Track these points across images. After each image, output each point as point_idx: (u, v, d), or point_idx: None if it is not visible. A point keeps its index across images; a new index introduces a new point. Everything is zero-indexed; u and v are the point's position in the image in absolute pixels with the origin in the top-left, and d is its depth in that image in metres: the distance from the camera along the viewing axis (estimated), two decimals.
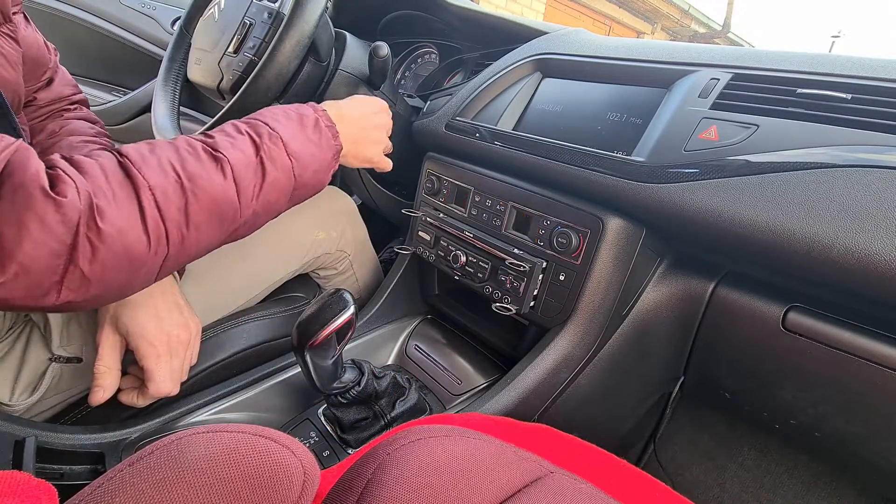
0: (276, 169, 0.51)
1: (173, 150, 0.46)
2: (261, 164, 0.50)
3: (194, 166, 0.46)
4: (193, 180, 0.45)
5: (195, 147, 0.48)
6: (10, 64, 0.53)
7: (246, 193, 0.49)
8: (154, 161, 0.44)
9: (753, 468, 0.81)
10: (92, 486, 0.28)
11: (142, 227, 0.41)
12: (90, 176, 0.41)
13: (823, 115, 0.48)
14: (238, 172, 0.48)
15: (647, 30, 9.23)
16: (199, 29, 0.80)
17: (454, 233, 0.73)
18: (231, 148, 0.49)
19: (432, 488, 0.33)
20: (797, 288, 0.56)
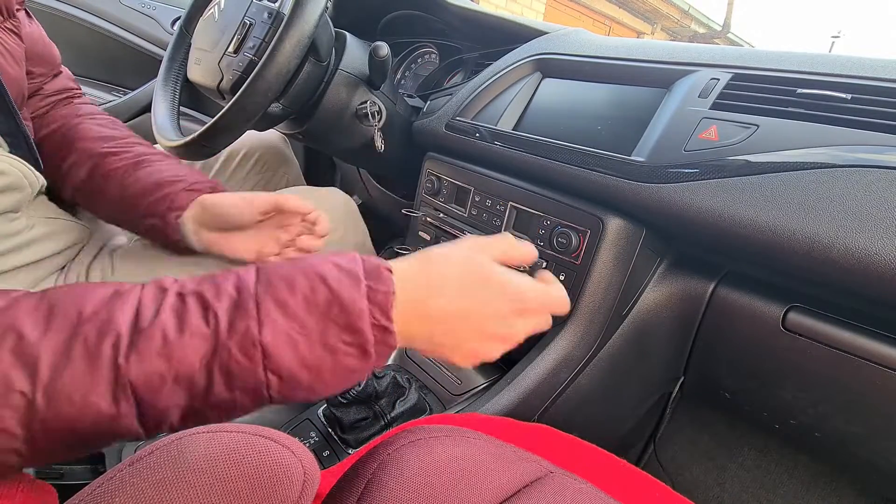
0: (231, 389, 0.32)
1: (59, 333, 0.31)
2: (207, 375, 0.32)
3: (70, 376, 0.30)
4: (54, 401, 0.30)
5: (92, 337, 0.31)
6: (14, 60, 0.52)
7: (160, 417, 0.32)
8: (2, 358, 0.30)
9: (753, 468, 0.81)
10: (92, 486, 0.28)
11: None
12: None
13: (823, 115, 0.48)
14: (146, 393, 0.31)
15: (647, 30, 9.22)
16: (199, 29, 0.80)
17: (454, 233, 0.73)
18: (151, 345, 0.31)
19: (432, 488, 0.33)
20: (797, 288, 0.56)
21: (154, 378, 0.31)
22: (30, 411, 0.30)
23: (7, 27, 0.52)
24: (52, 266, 0.61)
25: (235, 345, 0.32)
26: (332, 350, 0.34)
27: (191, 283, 0.35)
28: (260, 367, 0.33)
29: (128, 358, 0.31)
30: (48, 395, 0.30)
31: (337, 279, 0.35)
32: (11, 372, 0.30)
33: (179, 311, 0.33)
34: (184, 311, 0.33)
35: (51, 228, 0.60)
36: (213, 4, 0.78)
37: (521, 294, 0.40)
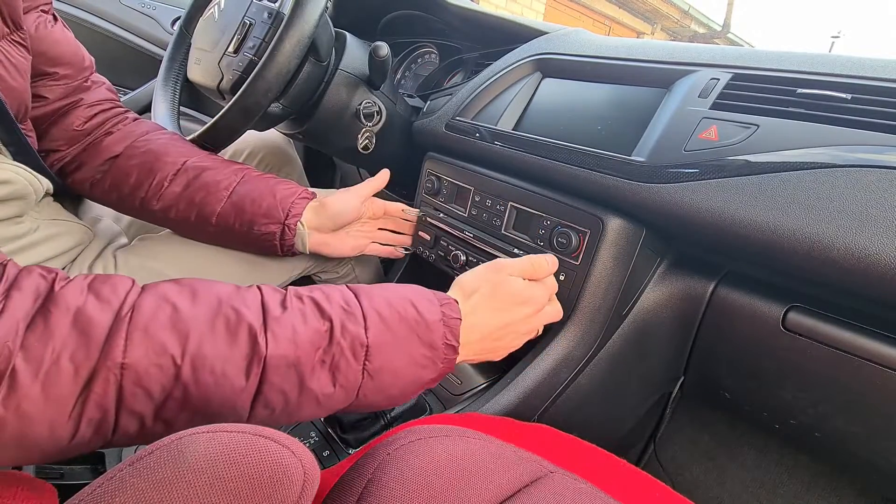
0: (334, 383, 0.37)
1: (207, 309, 0.35)
2: (317, 366, 0.37)
3: (211, 348, 0.33)
4: (198, 369, 0.33)
5: (232, 316, 0.35)
6: (18, 72, 0.53)
7: (269, 400, 0.36)
8: (159, 325, 0.33)
9: (753, 468, 0.81)
10: (92, 486, 0.28)
11: (69, 415, 0.30)
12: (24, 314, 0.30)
13: (823, 115, 0.48)
14: (272, 372, 0.35)
15: (647, 30, 9.23)
16: (199, 29, 0.80)
17: (454, 232, 0.73)
18: (283, 331, 0.36)
19: (432, 488, 0.33)
20: (797, 288, 0.56)
21: (281, 361, 0.35)
22: (175, 376, 0.32)
23: (14, 39, 0.52)
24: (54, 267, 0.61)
25: (347, 343, 0.38)
26: (412, 360, 0.41)
27: (303, 289, 0.41)
28: (361, 366, 0.38)
29: (265, 337, 0.35)
30: (194, 363, 0.33)
31: (422, 304, 0.43)
32: (166, 337, 0.32)
33: (301, 310, 0.38)
34: (304, 310, 0.38)
35: (55, 230, 0.61)
36: (213, 4, 0.78)
37: (533, 298, 0.52)
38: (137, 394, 0.31)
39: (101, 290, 0.34)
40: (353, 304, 0.40)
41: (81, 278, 0.35)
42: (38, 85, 0.61)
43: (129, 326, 0.32)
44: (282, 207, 0.65)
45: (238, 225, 0.65)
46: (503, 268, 0.52)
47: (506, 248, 0.66)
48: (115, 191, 0.66)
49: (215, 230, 0.66)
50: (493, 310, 0.49)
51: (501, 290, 0.50)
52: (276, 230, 0.65)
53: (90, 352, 0.30)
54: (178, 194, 0.65)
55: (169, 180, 0.65)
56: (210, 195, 0.65)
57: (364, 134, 0.80)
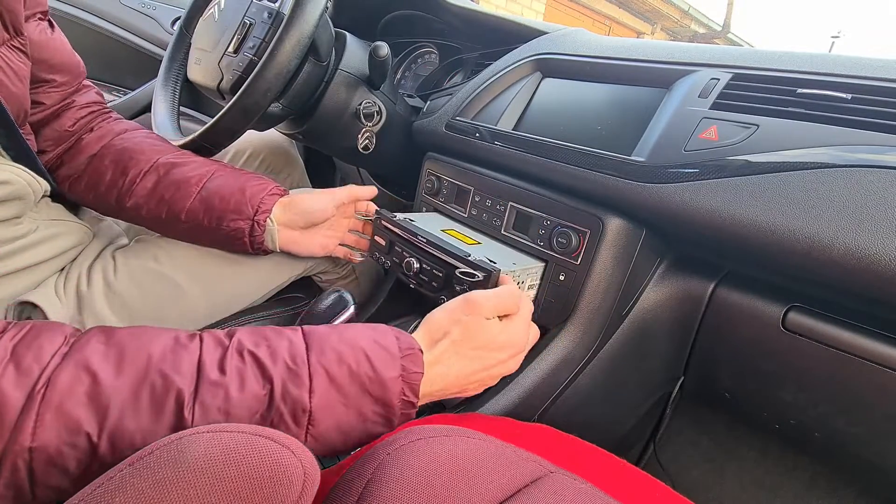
0: None
1: (132, 378, 0.33)
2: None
3: (133, 422, 0.32)
4: (117, 445, 0.32)
5: (159, 385, 0.33)
6: (17, 77, 0.53)
7: None
8: (75, 401, 0.31)
9: (753, 468, 0.81)
10: (92, 486, 0.28)
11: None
12: None
13: (823, 115, 0.48)
14: None
15: (647, 30, 9.23)
16: (199, 29, 0.80)
17: (407, 237, 0.66)
18: (214, 401, 0.34)
19: (432, 488, 0.33)
20: (797, 288, 0.56)
21: None
22: (91, 453, 0.31)
23: (14, 45, 0.52)
24: (52, 268, 0.61)
25: (287, 408, 0.36)
26: (363, 418, 0.39)
27: (247, 341, 0.38)
28: (304, 431, 0.36)
29: (192, 410, 0.33)
30: (112, 438, 0.31)
31: (379, 357, 0.40)
32: (82, 414, 0.31)
33: (241, 371, 0.36)
34: (244, 371, 0.36)
35: (54, 231, 0.61)
36: (213, 4, 0.78)
37: (511, 342, 0.49)
38: (51, 472, 0.30)
39: (22, 359, 0.32)
40: (301, 362, 0.38)
41: (9, 337, 0.33)
42: (37, 91, 0.61)
43: (41, 406, 0.30)
44: (251, 203, 0.64)
45: (207, 221, 0.64)
46: (476, 308, 0.47)
47: (460, 257, 0.60)
48: (91, 190, 0.66)
49: (185, 227, 0.65)
50: (463, 357, 0.46)
51: (474, 334, 0.46)
52: (245, 226, 0.64)
53: (1, 433, 0.29)
54: (149, 191, 0.64)
55: (141, 177, 0.64)
56: (179, 191, 0.64)
57: (364, 134, 0.80)
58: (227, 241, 0.66)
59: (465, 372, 0.46)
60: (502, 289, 0.51)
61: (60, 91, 0.64)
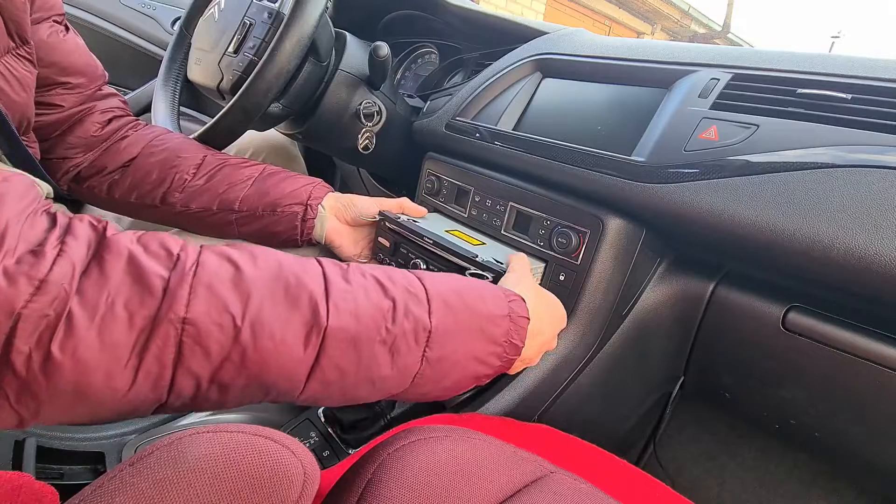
0: (392, 366, 0.36)
1: (268, 273, 0.34)
2: (377, 346, 0.35)
3: (271, 312, 0.32)
4: (257, 333, 0.32)
5: (293, 282, 0.34)
6: (21, 87, 0.53)
7: (325, 374, 0.34)
8: (221, 282, 0.32)
9: (753, 468, 0.81)
10: (92, 486, 0.28)
11: (125, 365, 0.29)
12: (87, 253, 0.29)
13: (823, 115, 0.48)
14: (331, 345, 0.34)
15: (647, 30, 9.23)
16: (199, 29, 0.80)
17: (414, 239, 0.65)
18: (345, 304, 0.35)
19: (432, 488, 0.33)
20: (797, 288, 0.56)
21: (341, 333, 0.34)
22: (234, 338, 0.31)
23: (19, 54, 0.52)
24: None
25: (410, 325, 0.36)
26: (472, 353, 0.39)
27: (364, 266, 0.39)
28: (421, 352, 0.37)
29: (327, 307, 0.34)
30: (254, 326, 0.32)
31: (488, 295, 0.42)
32: (229, 295, 0.31)
33: (364, 286, 0.37)
34: (367, 285, 0.37)
35: None
36: (213, 4, 0.78)
37: (564, 314, 0.55)
38: (196, 352, 0.30)
39: (149, 244, 0.32)
40: (418, 287, 0.39)
41: (131, 233, 0.34)
42: (51, 94, 0.62)
43: (194, 280, 0.31)
44: (304, 191, 0.67)
45: (261, 208, 0.66)
46: (530, 273, 0.53)
47: (470, 259, 0.59)
48: (134, 190, 0.67)
49: (238, 216, 0.67)
50: (548, 317, 0.49)
51: (546, 298, 0.52)
52: (300, 210, 0.66)
53: (144, 300, 0.29)
54: (200, 186, 0.67)
55: (191, 174, 0.67)
56: (233, 185, 0.67)
57: (364, 134, 0.80)
58: (276, 228, 0.67)
59: (549, 335, 0.49)
60: (524, 266, 0.55)
61: (76, 94, 0.65)
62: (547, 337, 0.49)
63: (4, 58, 0.50)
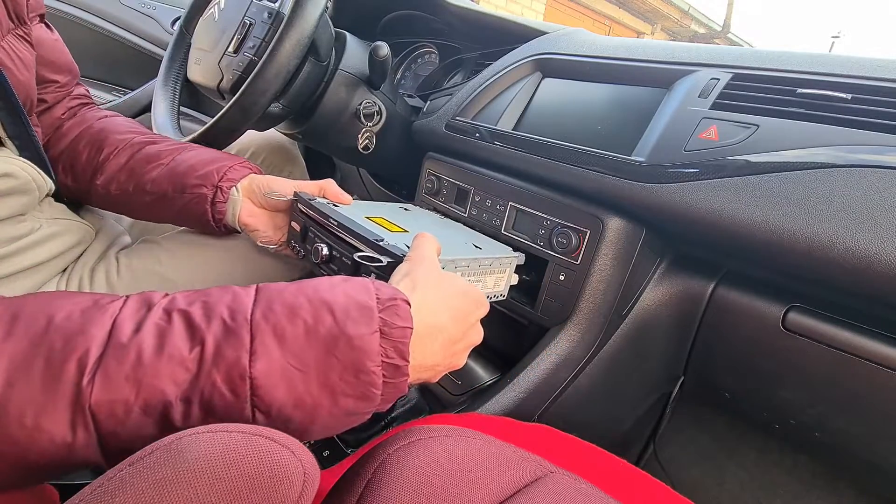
0: (206, 423, 0.29)
1: (25, 342, 0.28)
2: (179, 406, 0.29)
3: (22, 394, 0.27)
4: (2, 421, 0.27)
5: (58, 351, 0.28)
6: (24, 66, 0.53)
7: (111, 451, 0.29)
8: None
9: (753, 468, 0.81)
10: (92, 486, 0.27)
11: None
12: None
13: (823, 115, 0.48)
14: (106, 422, 0.28)
15: (647, 30, 9.23)
16: (199, 29, 0.80)
17: (320, 220, 0.57)
18: (119, 368, 0.28)
19: (432, 488, 0.33)
20: (797, 288, 0.56)
21: (118, 406, 0.27)
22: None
23: (19, 34, 0.52)
24: (54, 269, 0.61)
25: (221, 376, 0.29)
26: (331, 390, 0.31)
27: (182, 300, 0.31)
28: (247, 404, 0.30)
29: (92, 380, 0.27)
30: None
31: (344, 310, 0.32)
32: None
33: (162, 331, 0.29)
34: (167, 330, 0.29)
35: (56, 229, 0.60)
36: (213, 4, 0.78)
37: (483, 302, 0.43)
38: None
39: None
40: (242, 319, 0.30)
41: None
42: (44, 91, 0.62)
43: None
44: (217, 172, 0.61)
45: (171, 189, 0.62)
46: (425, 252, 0.42)
47: (370, 241, 0.52)
48: (69, 172, 0.66)
49: (150, 199, 0.63)
50: (448, 311, 0.39)
51: (446, 288, 0.39)
52: (209, 193, 0.60)
53: None
54: (120, 166, 0.63)
55: (115, 154, 0.64)
56: (149, 164, 0.63)
57: (364, 134, 0.80)
58: (189, 212, 0.63)
59: (459, 333, 0.39)
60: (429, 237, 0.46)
61: (62, 91, 0.66)
62: (452, 332, 0.39)
63: (7, 38, 0.50)
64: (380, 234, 0.51)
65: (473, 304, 0.42)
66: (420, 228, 0.58)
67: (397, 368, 0.33)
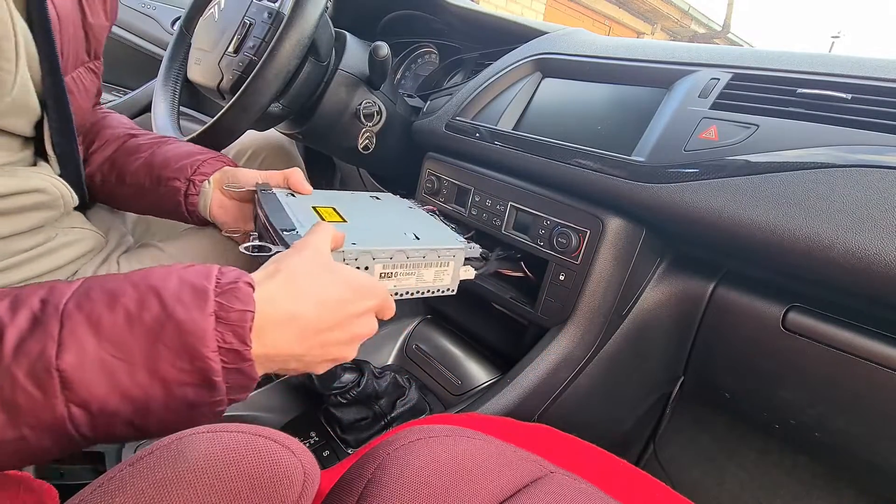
0: (16, 426, 0.27)
1: None
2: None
3: None
4: None
5: None
6: (87, 96, 0.57)
7: None
8: None
9: (753, 468, 0.81)
10: (92, 486, 0.28)
11: None
12: None
13: (823, 115, 0.48)
14: None
15: (647, 30, 9.22)
16: (199, 29, 0.80)
17: (258, 211, 0.57)
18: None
19: (432, 488, 0.33)
20: (797, 288, 0.56)
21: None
22: None
23: (90, 67, 0.57)
24: (63, 275, 0.61)
25: (22, 371, 0.27)
26: (162, 380, 0.29)
27: (19, 290, 0.29)
28: (59, 400, 0.27)
29: None
30: None
31: (175, 294, 0.30)
32: None
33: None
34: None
35: (70, 238, 0.61)
36: (213, 4, 0.78)
37: (374, 292, 0.41)
38: None
39: None
40: (52, 309, 0.28)
41: None
42: None
43: None
44: (192, 166, 0.63)
45: (148, 182, 0.64)
46: (321, 251, 0.40)
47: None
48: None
49: (129, 191, 0.65)
50: (313, 297, 0.36)
51: (320, 277, 0.37)
52: (182, 186, 0.62)
53: None
54: (105, 158, 0.66)
55: (102, 147, 0.66)
56: (130, 156, 0.65)
57: (364, 134, 0.80)
58: (164, 204, 0.64)
59: (328, 320, 0.37)
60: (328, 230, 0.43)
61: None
62: (315, 321, 0.36)
63: (78, 69, 0.54)
64: (296, 223, 0.49)
65: (356, 294, 0.39)
66: (361, 218, 0.56)
67: (238, 354, 0.31)
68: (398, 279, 0.52)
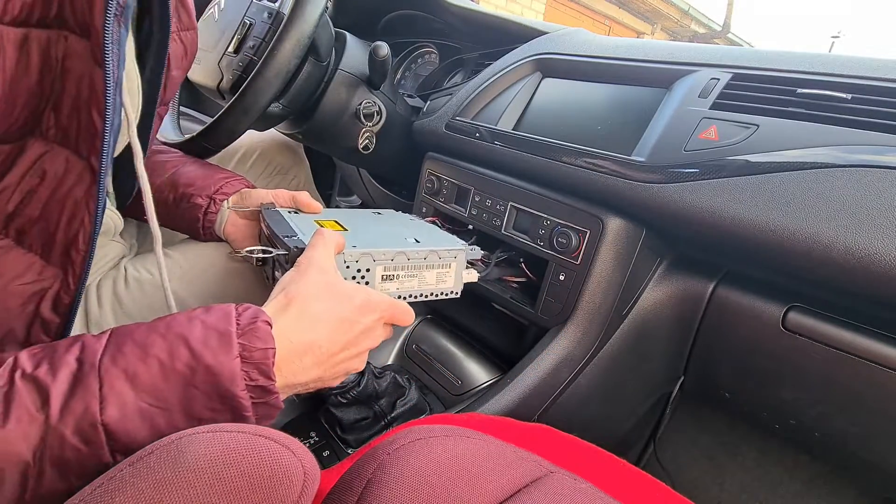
0: (68, 482, 0.29)
1: None
2: (32, 468, 0.28)
3: None
4: None
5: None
6: (151, 137, 0.58)
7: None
8: None
9: (753, 468, 0.81)
10: (92, 486, 0.27)
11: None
12: None
13: (823, 115, 0.48)
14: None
15: (647, 30, 9.22)
16: (199, 29, 0.80)
17: (264, 227, 0.58)
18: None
19: (432, 488, 0.33)
20: (797, 288, 0.56)
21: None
22: None
23: (159, 112, 0.57)
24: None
25: (70, 429, 0.28)
26: (198, 420, 0.31)
27: (28, 360, 0.31)
28: (104, 451, 0.29)
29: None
30: None
31: (201, 340, 0.32)
32: None
33: (7, 396, 0.29)
34: (12, 394, 0.29)
35: (102, 250, 0.63)
36: (213, 4, 0.78)
37: (376, 305, 0.42)
38: None
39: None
40: (89, 365, 0.30)
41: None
42: None
43: None
44: (214, 186, 0.66)
45: (172, 197, 0.66)
46: (309, 261, 0.41)
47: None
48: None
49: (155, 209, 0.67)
50: (325, 325, 0.38)
51: (325, 300, 0.39)
52: (203, 203, 0.65)
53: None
54: None
55: None
56: (154, 171, 0.67)
57: (364, 134, 0.80)
58: (182, 220, 0.67)
59: (340, 342, 0.39)
60: (330, 236, 0.44)
61: None
62: (329, 346, 0.38)
63: (158, 110, 0.55)
64: (297, 231, 0.50)
65: (360, 312, 0.41)
66: (362, 227, 0.56)
67: (264, 389, 0.33)
68: (400, 281, 0.52)
